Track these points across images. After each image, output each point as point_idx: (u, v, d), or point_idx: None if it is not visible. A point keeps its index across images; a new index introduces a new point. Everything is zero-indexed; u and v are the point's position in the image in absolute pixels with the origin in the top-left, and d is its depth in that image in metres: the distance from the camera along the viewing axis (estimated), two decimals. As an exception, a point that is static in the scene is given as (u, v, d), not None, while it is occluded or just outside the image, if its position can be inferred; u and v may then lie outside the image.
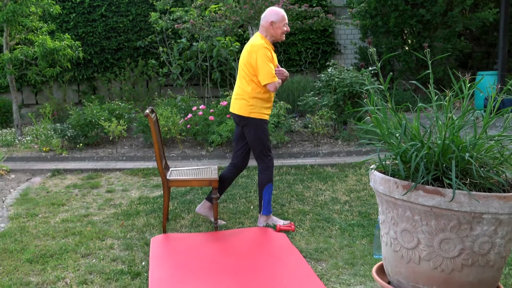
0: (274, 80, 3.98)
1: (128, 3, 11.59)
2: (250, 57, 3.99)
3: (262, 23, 4.11)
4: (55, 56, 8.12)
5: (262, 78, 3.97)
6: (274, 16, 4.06)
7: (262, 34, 4.12)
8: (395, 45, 11.20)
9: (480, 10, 11.31)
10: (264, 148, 4.16)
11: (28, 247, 3.89)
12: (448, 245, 1.94)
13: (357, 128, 7.67)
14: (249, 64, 4.02)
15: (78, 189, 5.73)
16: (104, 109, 7.99)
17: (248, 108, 4.07)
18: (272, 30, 4.07)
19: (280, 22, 4.06)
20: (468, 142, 2.03)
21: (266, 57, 3.96)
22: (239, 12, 7.91)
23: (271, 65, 3.98)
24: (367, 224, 4.20)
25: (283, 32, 4.11)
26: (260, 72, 3.96)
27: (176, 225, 4.37)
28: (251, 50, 4.00)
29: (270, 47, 4.08)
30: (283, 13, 4.10)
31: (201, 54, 10.37)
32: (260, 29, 4.15)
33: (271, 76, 3.97)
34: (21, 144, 8.04)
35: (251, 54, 3.99)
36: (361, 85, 7.17)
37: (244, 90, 4.08)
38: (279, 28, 4.07)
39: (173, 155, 7.05)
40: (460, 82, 2.21)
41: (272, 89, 4.01)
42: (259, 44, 3.99)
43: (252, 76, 4.03)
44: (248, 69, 4.03)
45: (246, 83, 4.07)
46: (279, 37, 4.11)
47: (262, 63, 3.94)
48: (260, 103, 4.08)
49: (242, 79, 4.11)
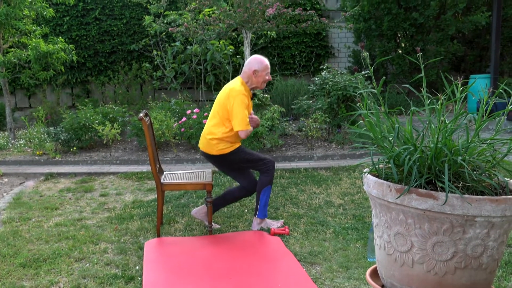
0: (247, 128, 4.04)
1: (122, 7, 11.59)
2: (227, 101, 4.03)
3: (245, 69, 4.16)
4: (48, 59, 8.10)
5: (236, 124, 4.00)
6: (257, 64, 4.11)
7: (243, 79, 4.17)
8: (389, 49, 11.25)
9: (472, 13, 11.38)
10: (257, 163, 4.18)
11: (21, 252, 3.87)
12: (441, 248, 1.94)
13: (351, 131, 7.69)
14: (224, 107, 4.06)
15: (72, 193, 5.71)
16: (98, 113, 7.97)
17: (217, 146, 4.10)
18: (254, 78, 4.13)
19: (262, 71, 4.12)
20: (460, 145, 2.04)
21: (243, 104, 4.01)
22: (233, 15, 7.92)
23: (246, 113, 4.04)
24: (361, 227, 4.21)
25: (265, 81, 4.18)
26: (235, 118, 4.00)
27: (170, 229, 4.36)
28: (229, 94, 4.04)
29: (248, 94, 4.14)
30: (267, 63, 4.16)
31: (195, 57, 10.38)
32: (242, 74, 4.19)
33: (245, 124, 4.02)
34: (14, 147, 8.01)
35: (228, 98, 4.03)
36: (355, 89, 7.19)
37: (212, 131, 4.11)
38: (261, 77, 4.13)
39: (167, 159, 7.04)
40: (452, 85, 2.22)
41: (243, 136, 4.06)
42: (239, 89, 4.04)
43: (224, 119, 4.07)
44: (222, 112, 4.07)
45: (216, 124, 4.10)
46: (260, 85, 4.18)
47: (238, 109, 3.99)
48: (229, 144, 4.11)
49: (213, 118, 4.14)
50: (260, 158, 4.18)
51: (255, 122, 4.23)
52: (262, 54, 11.81)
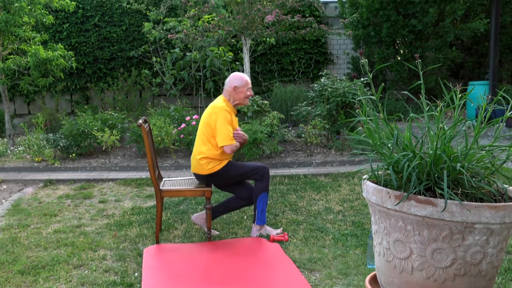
0: (231, 142, 4.05)
1: (122, 13, 11.62)
2: (210, 118, 4.07)
3: (226, 87, 4.21)
4: (48, 66, 8.12)
5: (220, 140, 4.02)
6: (237, 81, 4.16)
7: (225, 97, 4.22)
8: (388, 55, 11.28)
9: (471, 20, 11.42)
10: (251, 173, 4.18)
11: (20, 258, 3.86)
12: (440, 255, 1.94)
13: (350, 138, 7.69)
14: (208, 125, 4.08)
15: (71, 199, 5.70)
16: (97, 119, 7.98)
17: (207, 166, 4.10)
18: (235, 94, 4.17)
19: (243, 87, 4.17)
20: (459, 152, 2.04)
21: (226, 119, 4.03)
22: (232, 22, 7.94)
23: (229, 128, 4.06)
24: (360, 234, 4.20)
25: (247, 97, 4.21)
26: (219, 134, 4.02)
27: (169, 236, 4.36)
28: (211, 112, 4.08)
29: (231, 110, 4.17)
30: (247, 79, 4.21)
31: (194, 64, 10.40)
32: (224, 92, 4.24)
33: (229, 139, 4.03)
34: (13, 154, 8.01)
35: (211, 115, 4.07)
36: (354, 95, 7.20)
37: (200, 151, 4.12)
38: (242, 93, 4.18)
39: (166, 165, 7.04)
40: (451, 92, 2.22)
41: (229, 151, 4.07)
42: (220, 106, 4.08)
43: (210, 137, 4.08)
44: (207, 130, 4.09)
45: (202, 143, 4.12)
46: (242, 101, 4.22)
47: (221, 125, 4.01)
48: (215, 160, 4.12)
49: (200, 138, 4.16)
50: (252, 168, 4.19)
51: (242, 138, 4.22)
52: (261, 61, 11.90)
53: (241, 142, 4.21)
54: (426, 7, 10.85)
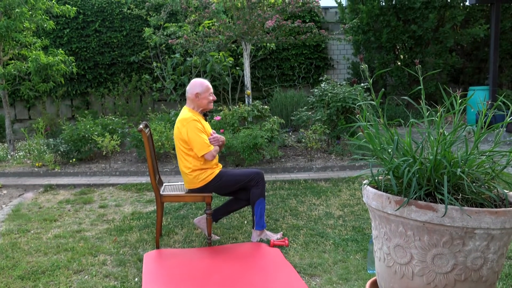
0: (209, 149, 4.06)
1: (122, 19, 11.64)
2: (181, 133, 4.07)
3: (188, 95, 4.21)
4: (48, 71, 8.13)
5: (197, 150, 4.03)
6: (198, 87, 4.16)
7: (189, 107, 4.22)
8: (388, 60, 11.30)
9: (471, 26, 11.45)
10: (246, 180, 4.18)
11: (20, 264, 3.85)
12: (441, 261, 1.94)
13: (350, 143, 7.70)
14: (181, 140, 4.09)
15: (71, 204, 5.70)
16: (98, 124, 7.98)
17: (197, 179, 4.11)
18: (198, 101, 4.18)
19: (205, 93, 4.17)
20: (459, 157, 2.04)
21: (196, 128, 4.04)
22: (233, 27, 7.96)
23: (203, 136, 4.06)
24: (361, 239, 4.20)
25: (210, 102, 4.22)
26: (194, 145, 4.03)
27: (170, 241, 4.35)
28: (180, 126, 4.08)
29: (199, 118, 4.17)
30: (207, 84, 4.21)
31: (194, 69, 10.41)
32: (187, 102, 4.25)
33: (206, 146, 4.04)
34: (14, 159, 8.01)
35: (181, 129, 4.07)
36: (354, 100, 7.21)
37: (185, 166, 4.12)
38: (205, 99, 4.18)
39: (167, 170, 7.04)
40: (451, 97, 2.23)
41: (210, 158, 4.08)
42: (187, 117, 4.07)
43: (188, 150, 4.09)
44: (182, 144, 4.10)
45: (184, 159, 4.12)
46: (206, 106, 4.22)
47: (193, 135, 4.01)
48: (205, 171, 4.12)
49: (179, 155, 4.16)
50: (246, 175, 4.18)
51: (219, 140, 4.22)
52: (261, 66, 11.92)
53: (219, 145, 4.22)
54: (426, 13, 10.87)
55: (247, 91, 8.43)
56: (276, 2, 8.22)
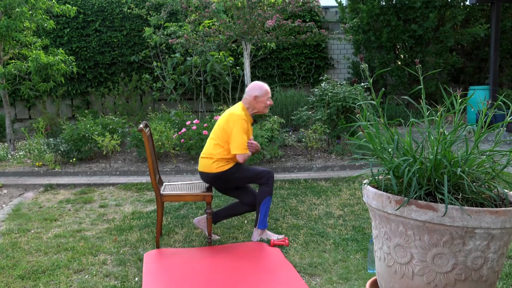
0: (245, 152, 4.09)
1: (122, 18, 11.64)
2: (227, 125, 4.09)
3: (246, 96, 4.23)
4: (48, 70, 8.13)
5: (234, 147, 4.05)
6: (258, 90, 4.18)
7: (244, 105, 4.24)
8: (388, 60, 11.30)
9: (471, 25, 11.45)
10: (257, 177, 4.19)
11: (20, 263, 3.85)
12: (441, 260, 1.94)
13: (351, 142, 7.70)
14: (224, 131, 4.11)
15: (71, 204, 5.70)
16: (98, 124, 7.98)
17: (214, 164, 4.13)
18: (256, 104, 4.20)
19: (263, 97, 4.19)
20: (460, 157, 2.04)
21: (242, 128, 4.06)
22: (233, 27, 7.96)
23: (245, 137, 4.09)
24: (361, 238, 4.20)
25: (266, 106, 4.24)
26: (234, 142, 4.05)
27: (170, 240, 4.35)
28: (229, 119, 4.10)
29: (248, 119, 4.20)
30: (267, 88, 4.23)
31: (195, 68, 10.41)
32: (243, 100, 4.26)
33: (243, 148, 4.07)
34: (14, 159, 8.01)
35: (228, 122, 4.09)
36: (354, 100, 7.21)
37: (211, 152, 4.15)
38: (262, 102, 4.20)
39: (167, 170, 7.04)
40: (451, 97, 2.23)
41: (241, 160, 4.10)
42: (238, 114, 4.10)
43: (224, 142, 4.11)
44: (222, 135, 4.12)
45: (214, 146, 4.14)
46: (262, 110, 4.25)
47: (237, 133, 4.04)
48: (223, 161, 4.14)
49: (212, 141, 4.18)
50: (258, 172, 4.20)
51: (255, 148, 4.26)
52: (261, 65, 11.92)
53: (253, 152, 4.25)
54: (426, 12, 10.87)
55: (247, 90, 8.41)
56: (276, 1, 8.22)
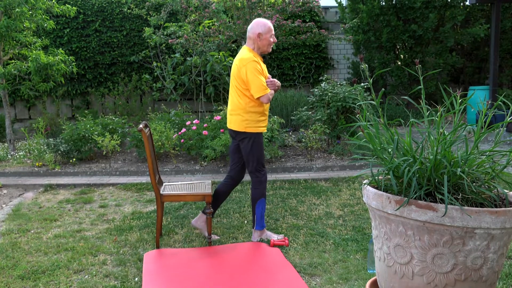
0: (266, 92, 4.01)
1: (122, 19, 11.64)
2: (240, 72, 4.02)
3: (249, 34, 4.13)
4: (48, 71, 8.12)
5: (254, 91, 3.99)
6: (261, 27, 4.08)
7: (249, 47, 4.16)
8: (388, 60, 11.30)
9: (471, 25, 11.44)
10: (258, 163, 4.16)
11: (20, 263, 3.85)
12: (441, 260, 1.94)
13: (350, 142, 7.70)
14: (240, 79, 4.04)
15: (71, 204, 5.70)
16: (98, 124, 7.98)
17: (243, 123, 4.08)
18: (260, 41, 4.11)
19: (267, 34, 4.10)
20: (459, 157, 2.04)
21: (256, 70, 3.99)
22: (233, 27, 7.96)
23: (261, 78, 4.01)
24: (361, 238, 4.20)
25: (270, 44, 4.15)
26: (252, 86, 3.98)
27: (170, 240, 4.35)
28: (240, 65, 4.03)
29: (259, 59, 4.11)
30: (270, 24, 4.13)
31: (195, 69, 10.41)
32: (248, 42, 4.17)
33: (263, 89, 3.99)
34: (14, 159, 8.00)
35: (240, 69, 4.02)
36: (354, 100, 7.21)
37: (238, 105, 4.09)
38: (266, 40, 4.11)
39: (167, 170, 7.04)
40: (451, 97, 2.23)
41: (265, 101, 4.04)
42: (248, 57, 4.02)
43: (244, 90, 4.05)
44: (240, 84, 4.05)
45: (238, 97, 4.09)
46: (266, 48, 4.15)
47: (252, 76, 3.97)
48: (255, 117, 4.09)
49: (235, 93, 4.12)
50: (262, 162, 4.20)
51: (275, 85, 4.16)
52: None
53: (275, 89, 4.17)
54: (426, 13, 10.87)
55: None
56: (276, 1, 8.22)
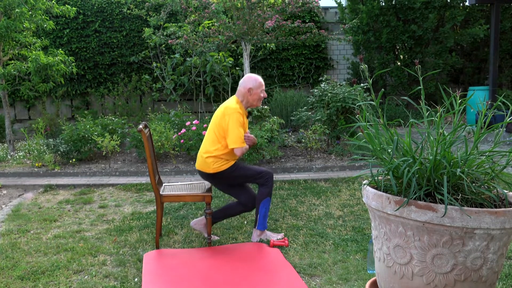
0: (242, 145, 4.07)
1: (122, 19, 11.64)
2: (223, 119, 4.07)
3: (240, 88, 4.21)
4: (48, 71, 8.12)
5: (231, 141, 4.04)
6: (252, 82, 4.16)
7: (238, 98, 4.22)
8: (387, 61, 11.30)
9: (470, 26, 11.45)
10: (255, 177, 4.19)
11: (20, 264, 3.85)
12: (440, 261, 1.94)
13: (350, 143, 7.70)
14: (220, 126, 4.09)
15: (71, 204, 5.70)
16: (97, 124, 7.98)
17: (210, 165, 4.11)
18: (250, 96, 4.18)
19: (257, 89, 4.17)
20: (459, 157, 2.04)
21: (238, 121, 4.05)
22: (233, 27, 7.96)
23: (241, 130, 4.07)
24: (360, 239, 4.20)
25: (260, 99, 4.22)
26: (230, 136, 4.03)
27: (169, 241, 4.35)
28: (225, 112, 4.08)
29: (243, 112, 4.18)
30: (261, 80, 4.22)
31: (194, 69, 10.41)
32: (237, 93, 4.24)
33: (241, 141, 4.05)
34: (13, 159, 8.00)
35: (224, 116, 4.07)
36: (354, 101, 7.21)
37: (208, 149, 4.13)
38: (256, 95, 4.18)
39: (167, 170, 7.04)
40: (451, 98, 2.23)
41: (239, 154, 4.09)
42: (234, 107, 4.08)
43: (220, 137, 4.10)
44: (218, 130, 4.10)
45: (211, 142, 4.13)
46: (255, 103, 4.22)
47: (233, 127, 4.02)
48: (222, 160, 4.13)
49: (209, 137, 4.17)
50: (257, 172, 4.19)
51: (252, 141, 4.24)
52: (261, 66, 11.90)
53: (250, 145, 4.24)
54: (426, 13, 10.87)
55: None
56: (276, 2, 8.22)
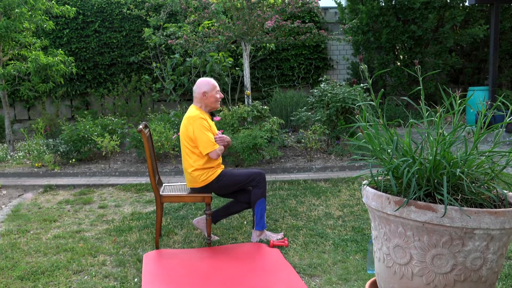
0: (214, 148, 4.07)
1: (122, 19, 11.64)
2: (188, 130, 4.08)
3: (195, 94, 4.23)
4: (48, 71, 8.12)
5: (202, 148, 4.04)
6: (205, 86, 4.19)
7: (196, 105, 4.24)
8: (387, 61, 11.30)
9: (470, 26, 11.45)
10: (246, 181, 4.19)
11: (19, 264, 3.85)
12: (440, 261, 1.94)
13: (350, 143, 7.70)
14: (188, 137, 4.09)
15: (70, 205, 5.70)
16: (97, 125, 7.98)
17: (201, 178, 4.12)
18: (206, 100, 4.20)
19: (212, 91, 4.20)
20: (459, 157, 2.04)
21: (203, 127, 4.05)
22: (232, 28, 7.96)
23: (209, 134, 4.08)
24: (360, 239, 4.20)
25: (217, 100, 4.24)
26: (200, 143, 4.04)
27: (169, 241, 4.35)
28: (187, 123, 4.09)
29: (206, 116, 4.19)
30: (214, 82, 4.24)
31: (194, 69, 10.41)
32: (194, 101, 4.26)
33: (211, 145, 4.06)
34: (13, 159, 8.00)
35: (187, 127, 4.08)
36: (354, 101, 7.21)
37: (189, 164, 4.13)
38: (212, 97, 4.20)
39: (166, 171, 7.04)
40: (450, 98, 2.23)
41: (215, 157, 4.09)
42: (194, 115, 4.09)
43: (193, 148, 4.10)
44: (188, 142, 4.11)
45: (188, 157, 4.13)
46: (214, 105, 4.24)
47: (200, 133, 4.03)
48: (206, 170, 4.13)
49: (184, 152, 4.17)
50: (247, 175, 4.19)
51: (224, 140, 4.24)
52: (261, 66, 11.91)
53: (224, 145, 4.24)
54: (425, 13, 10.87)
55: (247, 91, 8.43)
56: (276, 2, 8.22)
